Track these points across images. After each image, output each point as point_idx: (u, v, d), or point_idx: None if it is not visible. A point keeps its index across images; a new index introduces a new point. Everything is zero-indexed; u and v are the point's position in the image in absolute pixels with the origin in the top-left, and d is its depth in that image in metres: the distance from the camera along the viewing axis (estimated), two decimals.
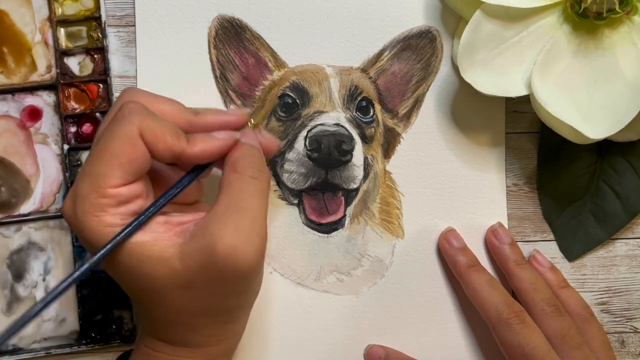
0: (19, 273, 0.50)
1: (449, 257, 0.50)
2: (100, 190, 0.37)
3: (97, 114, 0.51)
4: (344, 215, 0.51)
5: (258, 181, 0.40)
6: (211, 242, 0.37)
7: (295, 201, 0.51)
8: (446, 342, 0.52)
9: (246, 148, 0.41)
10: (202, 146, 0.39)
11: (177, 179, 0.41)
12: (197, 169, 0.41)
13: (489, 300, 0.47)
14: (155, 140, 0.38)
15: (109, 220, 0.37)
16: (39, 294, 0.50)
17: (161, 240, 0.38)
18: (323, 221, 0.51)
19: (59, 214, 0.50)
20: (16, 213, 0.50)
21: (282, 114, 0.51)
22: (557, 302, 0.48)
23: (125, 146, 0.37)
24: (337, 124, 0.50)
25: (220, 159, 0.41)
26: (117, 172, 0.37)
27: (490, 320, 0.47)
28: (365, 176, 0.51)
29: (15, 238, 0.50)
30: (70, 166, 0.50)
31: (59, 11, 0.50)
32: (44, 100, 0.50)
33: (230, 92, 0.51)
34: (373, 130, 0.51)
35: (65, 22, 0.50)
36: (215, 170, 0.43)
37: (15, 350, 0.49)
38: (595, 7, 0.46)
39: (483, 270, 0.50)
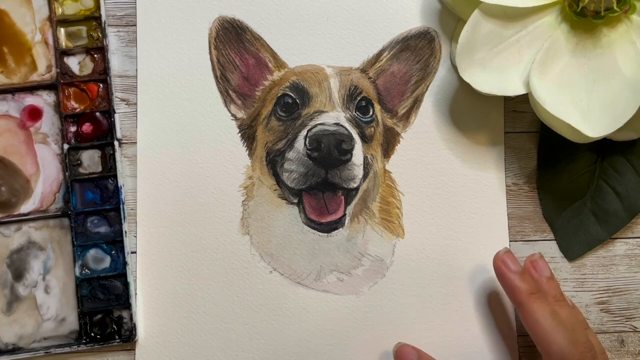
0: (19, 272, 0.50)
1: (507, 281, 0.47)
2: None
3: (97, 114, 0.51)
4: (344, 215, 0.51)
5: None
6: None
7: (295, 200, 0.51)
8: (447, 342, 0.52)
9: None
10: None
11: None
12: None
13: (552, 336, 0.44)
14: None
15: None
16: (39, 293, 0.50)
17: None
18: (323, 220, 0.51)
19: (59, 213, 0.50)
20: (16, 212, 0.50)
21: (282, 113, 0.51)
22: (592, 346, 0.45)
23: None
24: (337, 124, 0.50)
25: None
26: None
27: (550, 358, 0.45)
28: (365, 175, 0.51)
29: (15, 237, 0.50)
30: (70, 166, 0.50)
31: (59, 11, 0.51)
32: (44, 100, 0.51)
33: (230, 92, 0.51)
34: (373, 129, 0.51)
35: (65, 21, 0.51)
36: None
37: (15, 350, 0.49)
38: (593, 6, 0.46)
39: (546, 299, 0.46)
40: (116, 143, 0.50)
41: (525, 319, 0.46)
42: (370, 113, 0.51)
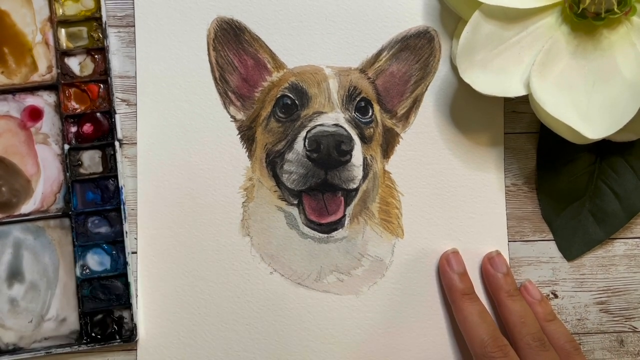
0: (19, 272, 0.50)
1: (446, 279, 0.51)
2: None
3: (98, 114, 0.51)
4: (344, 215, 0.51)
5: None
6: None
7: (295, 201, 0.51)
8: (446, 341, 0.52)
9: None
10: None
11: None
12: None
13: (475, 331, 0.48)
14: None
15: None
16: None
17: None
18: (323, 221, 0.51)
19: (60, 213, 0.50)
20: (17, 213, 0.50)
21: (281, 115, 0.51)
22: (542, 337, 0.48)
23: None
24: (336, 125, 0.50)
25: None
26: None
27: (474, 350, 0.48)
28: (365, 176, 0.51)
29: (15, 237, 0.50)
30: (71, 166, 0.50)
31: (59, 12, 0.51)
32: (45, 101, 0.51)
33: (229, 93, 0.51)
34: (372, 130, 0.51)
35: (65, 22, 0.51)
36: None
37: (16, 350, 0.49)
38: (594, 8, 0.46)
39: (476, 300, 0.50)
40: (117, 143, 0.50)
41: (456, 315, 0.50)
42: (370, 114, 0.51)
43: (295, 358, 0.51)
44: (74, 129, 0.51)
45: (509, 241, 0.52)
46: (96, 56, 0.51)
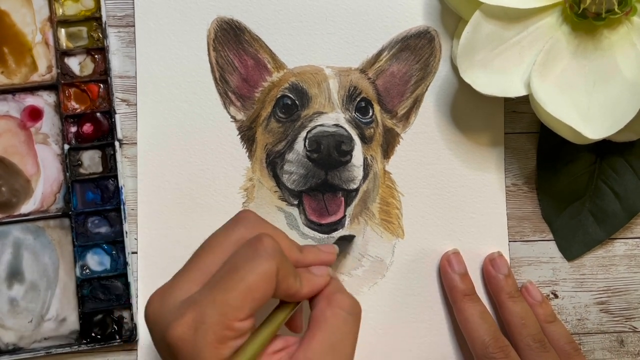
0: (19, 272, 0.50)
1: (447, 280, 0.51)
2: (229, 322, 0.36)
3: (98, 114, 0.51)
4: (344, 216, 0.51)
5: (353, 318, 0.41)
6: None
7: (295, 202, 0.51)
8: (446, 341, 0.52)
9: (338, 283, 0.44)
10: (310, 287, 0.41)
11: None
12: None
13: (477, 332, 0.48)
14: (282, 280, 0.39)
15: (224, 354, 0.36)
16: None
17: None
18: (323, 222, 0.51)
19: (60, 213, 0.50)
20: (17, 213, 0.50)
21: (281, 115, 0.51)
22: (543, 338, 0.48)
23: (263, 283, 0.37)
24: (337, 125, 0.50)
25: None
26: (248, 305, 0.37)
27: (475, 351, 0.48)
28: (365, 176, 0.51)
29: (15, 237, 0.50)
30: (71, 166, 0.50)
31: (59, 11, 0.51)
32: (45, 101, 0.51)
33: (229, 93, 0.51)
34: (372, 130, 0.51)
35: (65, 22, 0.51)
36: None
37: (16, 350, 0.49)
38: (594, 8, 0.46)
39: (477, 301, 0.50)
40: (117, 143, 0.50)
41: (457, 316, 0.50)
42: (370, 114, 0.51)
43: None
44: (73, 129, 0.51)
45: (509, 241, 0.52)
46: (96, 56, 0.51)
